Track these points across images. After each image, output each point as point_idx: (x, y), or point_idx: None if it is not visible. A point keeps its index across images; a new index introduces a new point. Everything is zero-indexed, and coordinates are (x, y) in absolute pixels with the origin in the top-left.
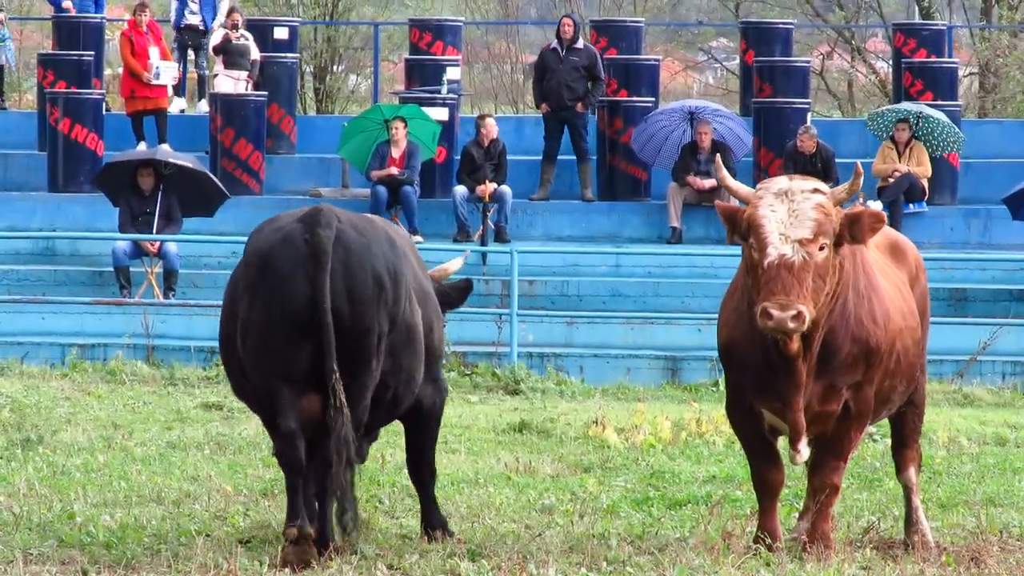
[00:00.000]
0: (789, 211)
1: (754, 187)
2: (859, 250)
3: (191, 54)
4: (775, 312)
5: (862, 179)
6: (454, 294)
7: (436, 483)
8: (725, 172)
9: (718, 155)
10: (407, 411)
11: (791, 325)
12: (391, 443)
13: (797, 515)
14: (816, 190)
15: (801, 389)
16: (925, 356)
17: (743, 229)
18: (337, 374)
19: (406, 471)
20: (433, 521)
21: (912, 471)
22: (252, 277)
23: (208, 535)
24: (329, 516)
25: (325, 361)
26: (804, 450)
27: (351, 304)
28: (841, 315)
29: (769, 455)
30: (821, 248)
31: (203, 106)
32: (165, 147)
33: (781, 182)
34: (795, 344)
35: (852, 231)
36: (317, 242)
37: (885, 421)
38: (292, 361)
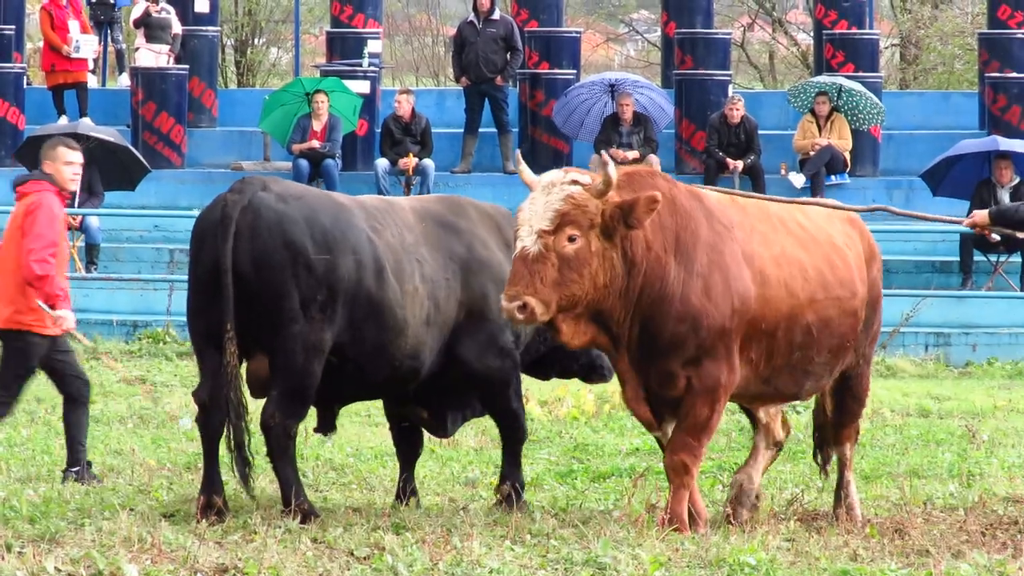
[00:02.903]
0: (544, 203)
1: (675, 158)
2: (702, 230)
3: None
4: (504, 303)
5: (612, 167)
6: None
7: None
8: (523, 166)
9: (517, 151)
10: (472, 382)
11: (519, 316)
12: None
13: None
14: (575, 182)
15: (624, 375)
16: (872, 347)
17: None
18: (231, 334)
19: (329, 444)
20: (513, 477)
21: (848, 446)
22: (190, 243)
23: (132, 509)
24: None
25: (223, 319)
26: (670, 430)
27: (256, 269)
28: (660, 300)
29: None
30: (571, 239)
31: (124, 80)
32: (87, 121)
33: (551, 175)
34: (568, 336)
35: (628, 219)
36: (223, 207)
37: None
38: (211, 323)
